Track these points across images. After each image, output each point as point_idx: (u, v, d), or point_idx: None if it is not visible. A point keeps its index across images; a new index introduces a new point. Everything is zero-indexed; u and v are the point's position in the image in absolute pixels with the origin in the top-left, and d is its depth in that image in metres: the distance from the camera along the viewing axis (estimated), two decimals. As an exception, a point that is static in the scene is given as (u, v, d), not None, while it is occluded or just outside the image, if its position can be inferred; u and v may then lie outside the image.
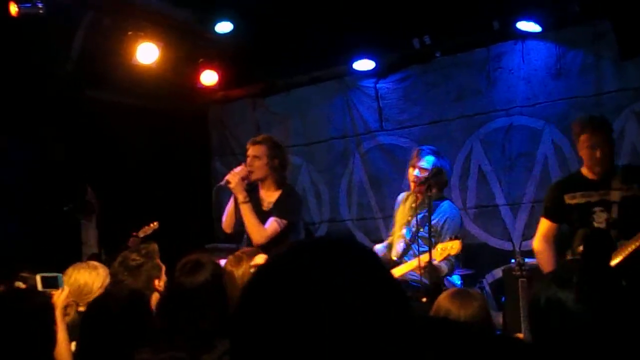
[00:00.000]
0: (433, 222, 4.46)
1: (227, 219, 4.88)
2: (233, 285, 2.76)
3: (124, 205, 6.72)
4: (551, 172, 5.77)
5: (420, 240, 4.59)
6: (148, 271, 3.28)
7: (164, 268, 3.38)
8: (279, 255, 1.01)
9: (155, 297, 3.20)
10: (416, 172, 4.56)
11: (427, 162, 4.56)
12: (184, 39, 6.25)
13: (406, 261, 4.56)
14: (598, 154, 3.88)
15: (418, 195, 4.60)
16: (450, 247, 4.36)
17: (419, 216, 4.57)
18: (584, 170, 4.01)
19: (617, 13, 5.20)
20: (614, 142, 4.08)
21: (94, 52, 5.94)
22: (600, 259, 1.63)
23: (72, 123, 6.46)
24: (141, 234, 5.98)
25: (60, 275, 3.28)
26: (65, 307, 3.20)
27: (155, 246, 3.41)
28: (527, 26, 5.63)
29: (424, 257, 4.26)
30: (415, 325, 1.00)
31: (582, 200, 3.97)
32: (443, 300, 2.60)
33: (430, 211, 4.39)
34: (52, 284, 3.16)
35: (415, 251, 4.55)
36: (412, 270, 4.50)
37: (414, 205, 4.62)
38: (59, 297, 3.09)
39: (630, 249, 3.66)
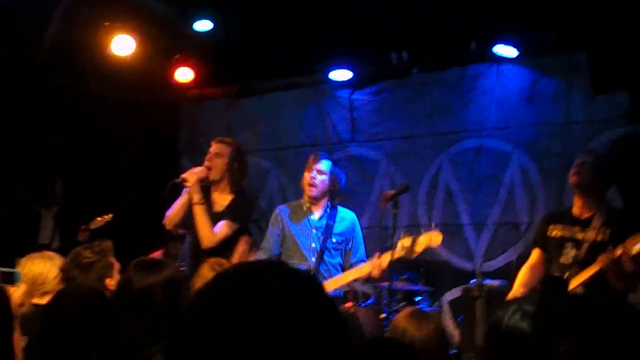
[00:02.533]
0: (339, 231, 4.46)
1: (172, 215, 4.67)
2: None
3: (88, 196, 6.63)
4: (516, 195, 5.84)
5: (330, 249, 4.49)
6: (99, 269, 3.21)
7: (117, 266, 3.31)
8: (229, 273, 1.04)
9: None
10: (313, 173, 4.51)
11: (325, 165, 4.56)
12: (161, 34, 6.20)
13: (322, 273, 4.42)
14: (578, 167, 3.92)
15: (314, 200, 4.52)
16: (430, 238, 4.14)
17: (318, 224, 4.50)
18: (575, 207, 4.05)
19: (593, 47, 5.30)
20: (607, 177, 4.08)
21: (69, 40, 5.86)
22: (556, 302, 1.68)
23: (45, 111, 6.37)
24: (92, 226, 5.85)
25: (17, 271, 3.20)
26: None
27: (109, 244, 3.33)
28: (503, 50, 5.70)
29: (385, 258, 4.11)
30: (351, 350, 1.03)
31: (559, 234, 4.02)
32: (400, 320, 2.61)
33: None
34: (9, 279, 3.08)
35: (328, 260, 4.47)
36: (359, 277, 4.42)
37: (306, 211, 4.53)
38: (15, 293, 3.01)
39: (587, 274, 3.73)
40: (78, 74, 6.32)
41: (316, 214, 4.51)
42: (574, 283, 3.75)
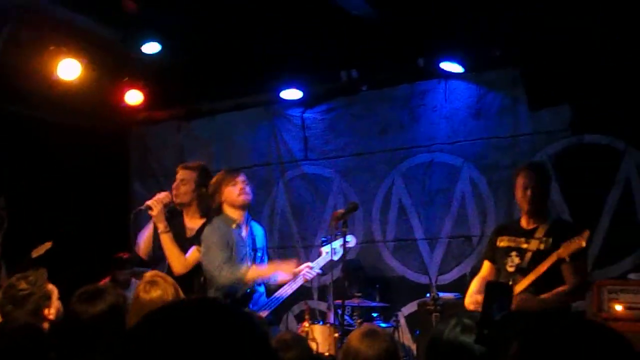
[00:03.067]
0: (260, 245, 4.50)
1: (143, 245, 4.76)
2: (141, 312, 2.70)
3: (37, 222, 6.47)
4: (468, 209, 5.93)
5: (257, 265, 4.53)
6: (36, 301, 3.09)
7: (55, 293, 3.21)
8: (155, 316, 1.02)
9: (44, 326, 3.04)
10: (242, 185, 4.48)
11: (245, 177, 4.60)
12: (108, 57, 6.12)
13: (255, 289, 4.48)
14: (528, 193, 4.02)
15: (243, 212, 4.53)
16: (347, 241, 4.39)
17: (247, 233, 4.49)
18: (522, 219, 4.16)
19: (526, 66, 5.45)
20: (548, 189, 4.23)
21: (13, 64, 5.74)
22: (498, 307, 1.70)
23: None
24: (34, 255, 5.71)
25: None
26: None
27: (43, 272, 3.21)
28: (450, 66, 5.80)
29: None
30: None
31: (505, 244, 4.13)
32: (353, 339, 2.62)
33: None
34: None
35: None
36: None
37: (236, 225, 4.50)
38: None
39: (529, 280, 3.84)
40: (23, 99, 6.20)
41: (243, 231, 4.48)
42: (518, 289, 3.86)
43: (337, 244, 4.39)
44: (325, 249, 4.38)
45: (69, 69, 5.81)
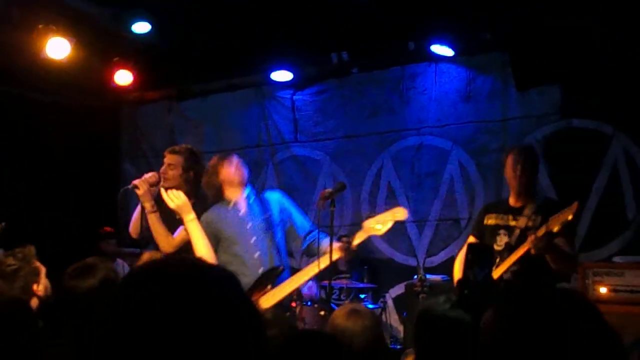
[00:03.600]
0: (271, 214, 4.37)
1: (133, 224, 4.76)
2: None
3: (25, 203, 6.47)
4: (456, 192, 5.96)
5: (273, 238, 4.33)
6: (25, 276, 3.10)
7: (43, 271, 3.23)
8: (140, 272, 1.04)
9: (34, 302, 3.07)
10: (239, 161, 4.50)
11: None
12: (98, 36, 6.08)
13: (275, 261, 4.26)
14: (518, 169, 4.04)
15: (242, 189, 4.44)
16: (394, 214, 3.98)
17: (245, 210, 4.37)
18: (510, 197, 4.18)
19: (515, 45, 5.44)
20: (536, 170, 4.25)
21: (2, 43, 5.70)
22: (479, 269, 1.73)
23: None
24: None
25: None
26: None
27: (32, 249, 3.22)
28: (440, 49, 5.81)
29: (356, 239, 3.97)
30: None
31: (494, 222, 4.15)
32: (337, 318, 2.65)
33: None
34: None
35: (274, 249, 4.29)
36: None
37: (233, 203, 4.38)
38: None
39: (512, 259, 3.87)
40: (12, 78, 6.17)
41: (241, 209, 4.38)
42: (506, 264, 3.88)
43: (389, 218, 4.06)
44: (370, 224, 3.97)
45: (58, 48, 5.77)
